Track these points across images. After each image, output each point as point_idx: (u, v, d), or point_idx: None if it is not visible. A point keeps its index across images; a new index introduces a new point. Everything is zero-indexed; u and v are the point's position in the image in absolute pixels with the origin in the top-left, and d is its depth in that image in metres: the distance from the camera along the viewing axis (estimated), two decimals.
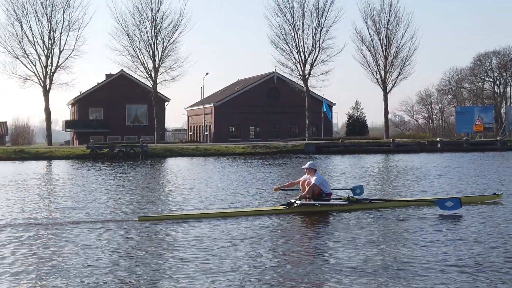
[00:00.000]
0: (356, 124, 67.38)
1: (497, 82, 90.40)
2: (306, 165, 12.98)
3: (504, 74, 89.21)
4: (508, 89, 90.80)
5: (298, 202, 12.35)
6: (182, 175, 24.18)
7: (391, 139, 49.83)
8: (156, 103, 52.69)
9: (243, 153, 43.53)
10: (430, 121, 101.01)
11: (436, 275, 7.37)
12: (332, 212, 12.37)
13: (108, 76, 63.37)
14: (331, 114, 62.52)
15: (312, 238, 9.89)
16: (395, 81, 56.58)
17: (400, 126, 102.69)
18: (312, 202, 12.49)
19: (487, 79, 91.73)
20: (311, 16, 54.54)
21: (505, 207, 13.09)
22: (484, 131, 62.15)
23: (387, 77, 56.40)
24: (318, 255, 8.61)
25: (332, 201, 12.70)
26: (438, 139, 52.03)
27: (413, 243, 9.29)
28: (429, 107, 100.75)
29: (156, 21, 51.82)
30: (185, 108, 73.96)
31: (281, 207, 12.50)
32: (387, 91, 56.51)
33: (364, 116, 68.67)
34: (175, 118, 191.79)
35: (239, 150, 44.56)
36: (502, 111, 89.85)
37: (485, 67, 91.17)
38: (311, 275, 7.46)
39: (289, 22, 54.59)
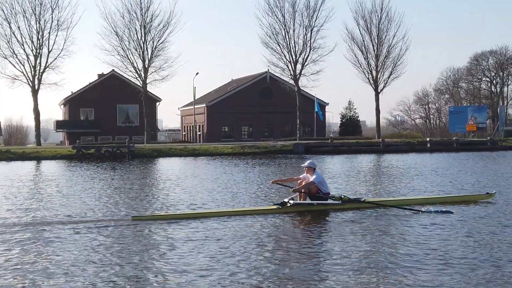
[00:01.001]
0: (350, 124, 67.09)
1: (494, 81, 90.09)
2: (306, 164, 12.91)
3: (501, 73, 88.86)
4: (505, 88, 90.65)
5: (291, 202, 12.31)
6: (167, 176, 24.01)
7: (380, 139, 49.58)
8: (147, 103, 52.52)
9: (232, 153, 43.33)
10: (428, 121, 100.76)
11: (426, 274, 7.40)
12: (325, 211, 12.34)
13: (100, 76, 63.15)
14: (323, 114, 62.26)
15: (305, 238, 9.86)
16: (387, 81, 56.37)
17: (398, 126, 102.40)
18: (305, 201, 12.47)
19: (484, 78, 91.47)
20: (302, 15, 54.42)
21: (497, 207, 13.04)
22: (477, 131, 61.89)
23: (378, 76, 56.16)
24: (310, 255, 8.59)
25: (325, 201, 12.59)
26: (427, 139, 51.83)
27: (404, 242, 9.34)
28: (426, 106, 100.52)
29: (145, 21, 51.69)
30: (178, 108, 73.87)
31: (274, 207, 12.46)
32: (379, 91, 56.24)
33: (358, 116, 68.43)
34: (173, 118, 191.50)
35: (227, 150, 44.33)
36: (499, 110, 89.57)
37: (482, 67, 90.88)
38: (302, 274, 7.47)
39: (280, 21, 54.44)
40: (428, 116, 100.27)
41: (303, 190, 12.49)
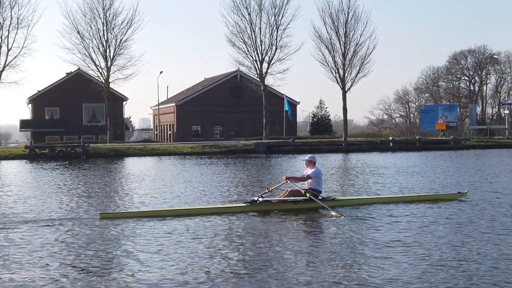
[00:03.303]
0: (321, 123, 66.62)
1: (472, 81, 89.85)
2: (306, 158, 13.17)
3: (480, 72, 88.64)
4: (484, 87, 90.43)
5: (260, 199, 12.45)
6: (118, 175, 23.94)
7: (343, 138, 49.17)
8: (110, 101, 51.92)
9: (192, 153, 42.93)
10: (408, 120, 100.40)
11: (394, 272, 7.36)
12: (295, 209, 12.41)
13: (69, 74, 62.27)
14: (292, 113, 61.64)
15: (269, 235, 9.89)
16: (354, 79, 55.77)
17: (378, 125, 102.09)
18: (275, 198, 12.74)
19: (463, 77, 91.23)
20: (268, 14, 53.83)
21: (469, 206, 13.05)
22: (447, 130, 61.48)
23: (346, 75, 55.58)
24: (273, 252, 8.64)
25: (294, 198, 12.66)
26: (390, 138, 51.44)
27: (373, 240, 9.35)
28: (406, 105, 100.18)
29: (108, 19, 51.05)
30: (150, 107, 73.26)
31: (244, 205, 12.61)
32: (346, 89, 55.69)
33: (329, 115, 67.97)
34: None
35: (187, 150, 43.98)
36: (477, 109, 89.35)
37: (461, 66, 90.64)
38: (260, 272, 7.48)
39: (246, 20, 53.86)
40: (408, 115, 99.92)
41: (290, 180, 12.73)
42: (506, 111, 58.58)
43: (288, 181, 12.81)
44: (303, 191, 12.53)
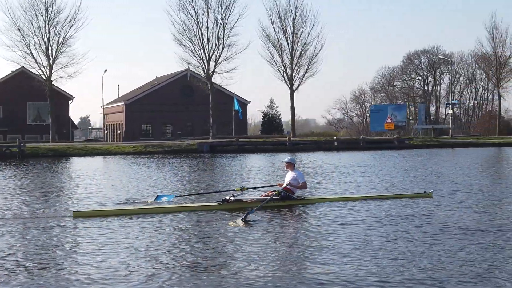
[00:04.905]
0: (272, 122, 66.51)
1: (426, 81, 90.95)
2: (286, 159, 13.29)
3: (433, 72, 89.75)
4: (438, 87, 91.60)
5: (232, 198, 12.59)
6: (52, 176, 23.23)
7: (287, 138, 49.03)
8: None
9: (134, 152, 42.29)
10: (364, 119, 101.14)
11: (351, 273, 7.26)
12: (264, 206, 12.40)
13: (13, 72, 60.73)
14: (243, 112, 61.36)
15: (237, 235, 9.81)
16: (302, 78, 55.90)
17: (335, 124, 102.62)
18: (246, 198, 12.96)
19: (417, 77, 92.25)
20: (215, 12, 53.42)
21: (434, 205, 12.95)
22: (396, 129, 61.97)
23: (294, 74, 55.64)
24: (236, 252, 8.56)
25: (265, 197, 12.79)
26: (335, 137, 51.56)
27: (333, 236, 9.46)
28: (363, 105, 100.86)
29: (50, 16, 49.97)
30: (101, 106, 72.04)
31: (216, 203, 12.71)
32: (294, 89, 55.74)
33: (279, 114, 67.89)
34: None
35: (129, 149, 43.26)
36: (431, 109, 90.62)
37: (415, 66, 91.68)
38: (219, 273, 7.36)
39: (192, 18, 53.32)
40: (364, 115, 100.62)
41: (286, 187, 12.86)
42: (450, 111, 59.37)
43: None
44: (278, 189, 12.76)
